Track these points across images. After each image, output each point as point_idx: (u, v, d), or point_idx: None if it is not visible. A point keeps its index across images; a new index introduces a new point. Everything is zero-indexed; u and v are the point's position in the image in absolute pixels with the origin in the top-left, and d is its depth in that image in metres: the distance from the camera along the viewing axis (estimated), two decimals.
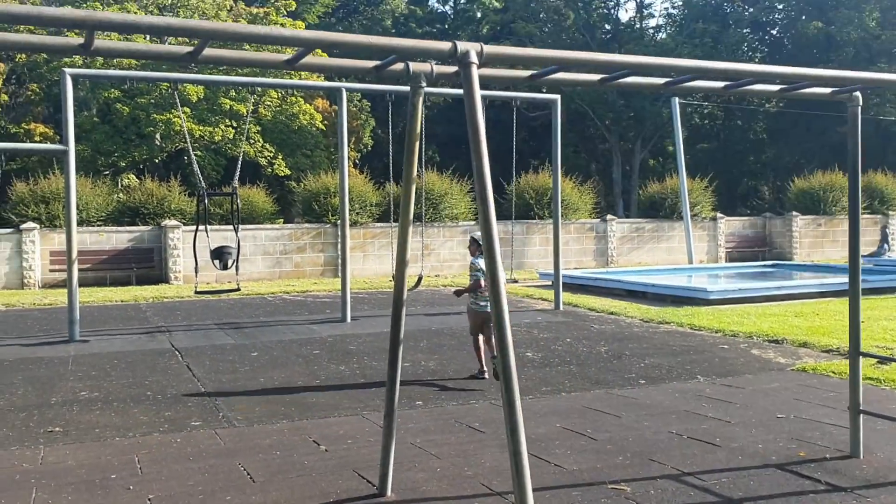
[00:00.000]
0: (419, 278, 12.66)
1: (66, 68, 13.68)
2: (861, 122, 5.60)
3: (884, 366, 8.32)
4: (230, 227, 17.61)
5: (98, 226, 20.57)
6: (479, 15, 48.62)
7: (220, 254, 12.64)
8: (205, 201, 12.49)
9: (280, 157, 30.95)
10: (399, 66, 4.42)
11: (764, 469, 5.32)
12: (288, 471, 5.38)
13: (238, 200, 13.16)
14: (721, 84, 5.31)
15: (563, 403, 7.23)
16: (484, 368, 8.43)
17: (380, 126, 37.49)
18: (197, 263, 12.36)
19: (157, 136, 29.11)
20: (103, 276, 19.73)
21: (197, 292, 12.63)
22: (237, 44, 5.16)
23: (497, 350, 3.73)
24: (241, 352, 10.14)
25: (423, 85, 4.59)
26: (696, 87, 5.27)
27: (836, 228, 28.18)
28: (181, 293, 17.09)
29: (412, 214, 4.84)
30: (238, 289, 13.03)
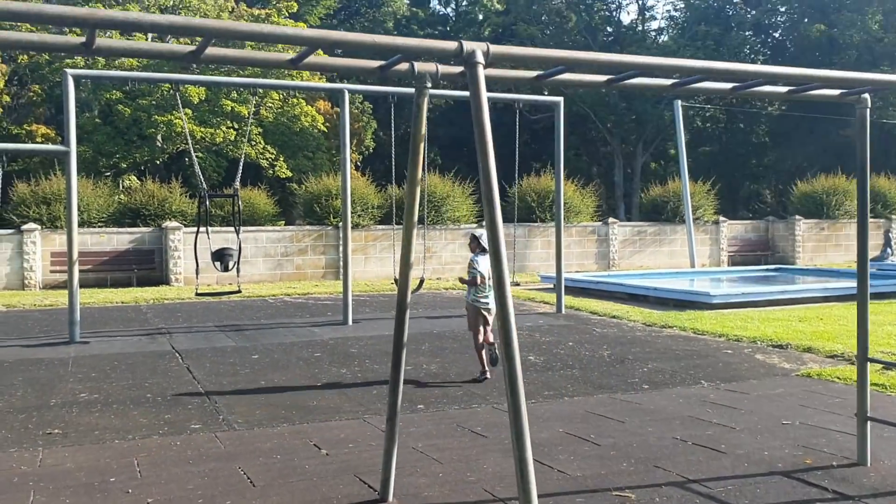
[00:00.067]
0: (421, 281, 12.61)
1: (67, 69, 13.65)
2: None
3: (890, 371, 8.26)
4: (231, 229, 17.58)
5: (99, 227, 20.55)
6: (481, 17, 48.60)
7: (221, 255, 12.62)
8: (206, 203, 12.46)
9: (281, 158, 30.93)
10: (404, 66, 4.36)
11: (770, 476, 5.25)
12: (288, 475, 5.33)
13: (239, 202, 13.12)
14: (729, 85, 5.23)
15: (566, 408, 7.18)
16: (485, 369, 8.40)
17: (382, 128, 37.43)
18: (198, 265, 12.32)
19: (159, 137, 29.07)
20: (104, 278, 19.71)
21: (198, 294, 12.60)
22: (240, 43, 5.10)
23: (502, 357, 3.68)
24: (241, 354, 10.09)
25: (428, 86, 4.52)
26: (704, 89, 5.20)
27: (839, 232, 28.11)
28: (182, 295, 17.06)
29: (417, 216, 4.78)
30: (239, 291, 12.99)
